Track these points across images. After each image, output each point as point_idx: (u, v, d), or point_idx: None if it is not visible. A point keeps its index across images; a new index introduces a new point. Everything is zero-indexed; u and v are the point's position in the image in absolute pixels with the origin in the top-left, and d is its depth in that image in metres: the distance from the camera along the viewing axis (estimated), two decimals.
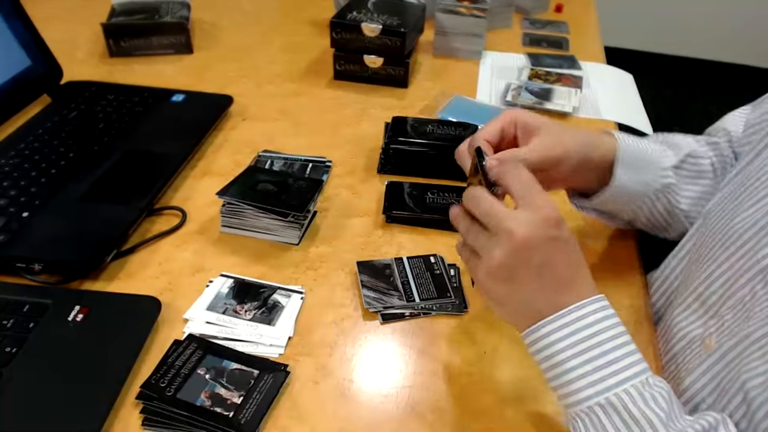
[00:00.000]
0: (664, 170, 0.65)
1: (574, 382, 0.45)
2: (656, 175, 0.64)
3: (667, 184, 0.65)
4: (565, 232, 0.47)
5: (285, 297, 0.63)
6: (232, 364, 0.55)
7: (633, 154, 0.62)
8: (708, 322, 0.55)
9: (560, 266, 0.47)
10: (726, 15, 2.95)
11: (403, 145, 0.81)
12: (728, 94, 2.97)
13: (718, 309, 0.54)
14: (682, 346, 0.57)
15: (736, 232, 0.54)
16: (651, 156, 0.64)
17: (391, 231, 0.74)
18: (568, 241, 0.48)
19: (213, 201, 0.74)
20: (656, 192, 0.65)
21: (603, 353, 0.45)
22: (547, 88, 1.05)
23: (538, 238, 0.46)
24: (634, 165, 0.62)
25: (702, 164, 0.67)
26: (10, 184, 0.72)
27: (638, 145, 0.63)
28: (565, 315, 0.46)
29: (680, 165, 0.66)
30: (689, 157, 0.67)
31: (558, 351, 0.46)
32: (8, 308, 0.58)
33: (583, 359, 0.45)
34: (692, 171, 0.67)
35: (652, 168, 0.64)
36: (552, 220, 0.46)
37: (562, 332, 0.46)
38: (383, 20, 1.01)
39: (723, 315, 0.53)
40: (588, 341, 0.45)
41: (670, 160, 0.66)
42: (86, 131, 0.84)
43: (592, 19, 1.40)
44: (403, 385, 0.56)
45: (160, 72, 1.07)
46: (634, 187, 0.63)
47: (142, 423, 0.51)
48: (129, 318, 0.59)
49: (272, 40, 1.21)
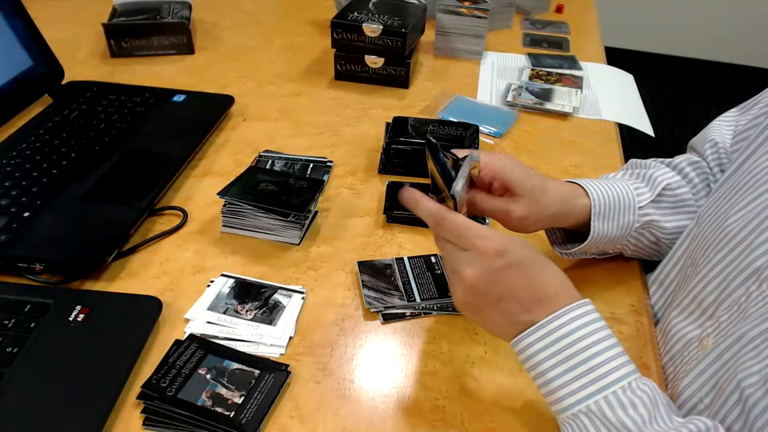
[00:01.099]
0: (642, 209, 0.65)
1: (557, 391, 0.46)
2: (634, 216, 0.65)
3: (648, 221, 0.66)
4: (514, 256, 0.48)
5: (286, 297, 0.64)
6: (233, 364, 0.56)
7: (607, 204, 0.63)
8: (705, 323, 0.55)
9: (519, 291, 0.48)
10: (726, 15, 2.95)
11: (403, 145, 0.82)
12: (728, 94, 2.97)
13: (714, 310, 0.54)
14: (680, 348, 0.57)
15: (729, 233, 0.54)
16: (625, 200, 0.64)
17: (392, 231, 0.74)
18: (522, 263, 0.48)
19: (214, 201, 0.74)
20: (638, 230, 0.66)
21: (583, 361, 0.46)
22: (548, 88, 1.05)
23: (486, 276, 0.47)
24: (610, 214, 0.63)
25: (679, 194, 0.67)
26: (12, 184, 0.73)
27: (611, 193, 0.64)
28: (541, 327, 0.47)
29: (658, 200, 0.66)
30: (665, 190, 0.67)
31: (539, 362, 0.47)
32: (9, 308, 0.58)
33: (563, 368, 0.46)
34: (671, 203, 0.67)
35: (629, 211, 0.65)
36: (493, 252, 0.47)
37: (541, 343, 0.47)
38: (384, 20, 1.01)
39: (719, 316, 0.53)
40: (567, 350, 0.46)
41: (646, 198, 0.66)
42: (87, 131, 0.84)
43: (593, 20, 1.40)
44: (403, 385, 0.56)
45: (161, 72, 1.07)
46: (613, 232, 0.64)
47: (143, 423, 0.51)
48: (130, 318, 0.59)
49: (273, 41, 1.21)
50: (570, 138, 0.94)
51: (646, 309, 0.65)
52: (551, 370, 0.46)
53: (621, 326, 0.63)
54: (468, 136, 0.82)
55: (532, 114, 1.00)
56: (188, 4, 1.17)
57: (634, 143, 2.41)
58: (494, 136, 0.93)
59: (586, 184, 0.64)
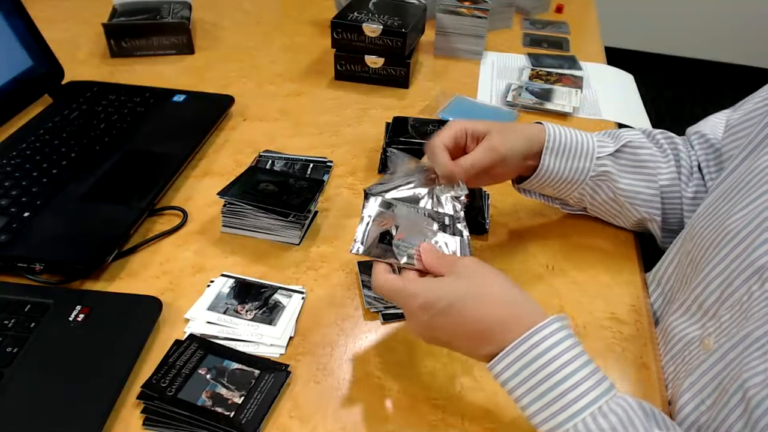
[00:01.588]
0: (600, 159, 0.67)
1: (533, 417, 0.45)
2: (590, 163, 0.67)
3: (604, 171, 0.68)
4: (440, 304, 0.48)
5: (286, 297, 0.64)
6: (233, 364, 0.56)
7: (561, 142, 0.66)
8: (706, 323, 0.55)
9: (460, 331, 0.49)
10: (726, 15, 2.95)
11: (403, 145, 0.81)
12: (728, 94, 2.96)
13: (716, 310, 0.54)
14: (681, 348, 0.57)
15: (731, 232, 0.54)
16: (584, 145, 0.67)
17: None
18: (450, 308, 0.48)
19: (214, 201, 0.74)
20: (593, 179, 0.68)
21: (552, 387, 0.44)
22: (548, 88, 1.05)
23: (424, 328, 0.50)
24: (563, 152, 0.66)
25: (640, 153, 0.69)
26: (12, 184, 0.73)
27: (570, 136, 0.67)
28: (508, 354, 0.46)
29: (617, 154, 0.68)
30: (626, 146, 0.69)
31: (511, 388, 0.46)
32: (9, 308, 0.58)
33: (533, 396, 0.45)
34: (630, 160, 0.69)
35: (586, 156, 0.67)
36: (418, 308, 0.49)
37: (510, 370, 0.46)
38: (384, 20, 1.01)
39: (721, 316, 0.53)
40: (536, 376, 0.45)
41: (606, 150, 0.68)
42: (87, 131, 0.84)
43: (593, 20, 1.40)
44: (403, 385, 0.56)
45: (161, 72, 1.07)
46: (564, 172, 0.67)
47: (143, 423, 0.51)
48: (130, 318, 0.59)
49: (273, 41, 1.21)
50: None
51: (646, 309, 0.65)
52: (523, 397, 0.45)
53: (621, 326, 0.63)
54: None
55: (532, 114, 1.00)
56: (188, 4, 1.17)
57: None
58: None
59: (547, 124, 0.67)
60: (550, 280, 0.68)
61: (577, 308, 0.64)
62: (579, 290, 0.67)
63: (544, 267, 0.69)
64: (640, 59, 3.03)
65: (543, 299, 0.65)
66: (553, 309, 0.64)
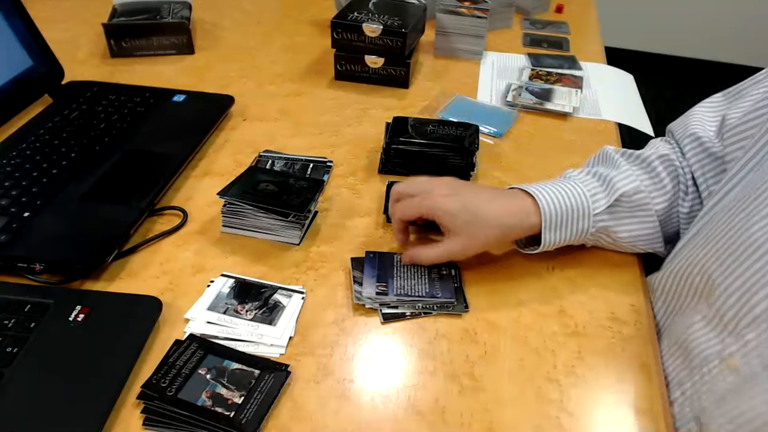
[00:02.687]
0: (596, 216, 0.66)
1: None
2: (589, 222, 0.66)
3: (603, 227, 0.66)
4: None
5: (286, 297, 0.64)
6: (233, 364, 0.56)
7: (558, 215, 0.64)
8: (726, 339, 0.53)
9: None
10: (726, 15, 2.95)
11: (404, 145, 0.82)
12: None
13: (736, 325, 0.52)
14: (698, 363, 0.55)
15: (752, 245, 0.52)
16: (580, 208, 0.65)
17: (392, 231, 0.74)
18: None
19: (214, 201, 0.74)
20: (593, 234, 0.67)
21: None
22: (548, 88, 1.05)
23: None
24: (561, 224, 0.65)
25: (635, 200, 0.67)
26: (12, 184, 0.73)
27: (564, 202, 0.65)
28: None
29: (613, 207, 0.66)
30: (623, 197, 0.66)
31: None
32: (9, 308, 0.58)
33: None
34: (627, 208, 0.67)
35: (583, 217, 0.65)
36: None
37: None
38: (384, 20, 1.01)
39: (743, 334, 0.51)
40: None
41: (601, 204, 0.66)
42: (87, 131, 0.84)
43: (593, 20, 1.40)
44: (403, 385, 0.56)
45: (161, 72, 1.07)
46: (565, 238, 0.66)
47: (143, 423, 0.51)
48: (130, 318, 0.59)
49: (273, 41, 1.21)
50: (570, 138, 0.94)
51: (646, 309, 0.65)
52: None
53: (621, 326, 0.63)
54: (468, 136, 0.82)
55: (532, 114, 1.00)
56: (188, 4, 1.17)
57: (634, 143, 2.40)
58: (494, 136, 0.93)
59: (539, 195, 0.64)
60: (550, 280, 0.68)
61: (577, 308, 0.64)
62: (579, 290, 0.67)
63: (544, 267, 0.69)
64: (640, 59, 3.03)
65: (543, 299, 0.65)
66: (553, 309, 0.64)
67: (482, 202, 0.65)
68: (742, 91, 0.68)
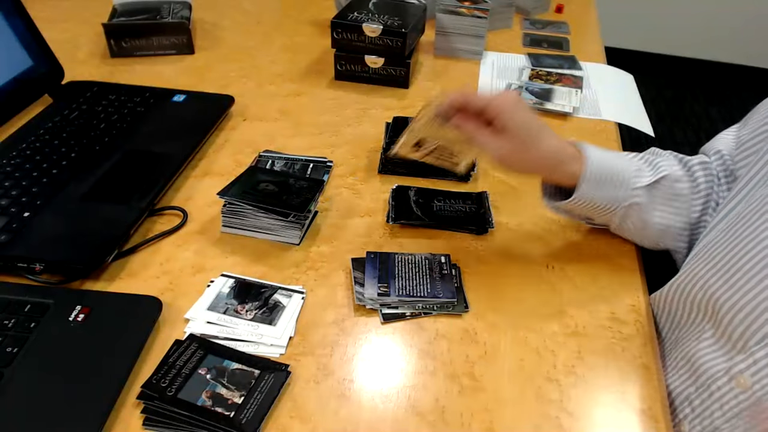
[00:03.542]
0: (635, 190, 0.65)
1: None
2: (626, 194, 0.65)
3: (637, 203, 0.66)
4: None
5: (286, 297, 0.64)
6: (233, 364, 0.56)
7: (600, 172, 0.64)
8: (735, 357, 0.53)
9: None
10: (726, 15, 2.95)
11: None
12: (728, 94, 2.97)
13: (745, 343, 0.52)
14: (705, 380, 0.55)
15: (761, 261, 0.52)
16: (621, 175, 0.65)
17: (392, 231, 0.74)
18: None
19: (214, 201, 0.74)
20: (625, 208, 0.66)
21: None
22: (548, 88, 1.05)
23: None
24: (601, 182, 0.64)
25: (677, 188, 0.67)
26: (12, 184, 0.73)
27: (609, 163, 0.65)
28: None
29: (653, 186, 0.66)
30: (664, 179, 0.67)
31: None
32: (9, 308, 0.58)
33: None
34: (665, 193, 0.67)
35: (623, 186, 0.65)
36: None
37: None
38: (384, 20, 1.01)
39: (753, 352, 0.51)
40: None
41: (644, 180, 0.66)
42: (87, 131, 0.84)
43: (593, 20, 1.40)
44: (403, 384, 0.56)
45: (161, 72, 1.07)
46: (599, 201, 0.65)
47: (143, 423, 0.51)
48: (130, 318, 0.59)
49: (273, 41, 1.21)
50: (570, 138, 0.94)
51: (646, 309, 0.65)
52: None
53: (621, 326, 0.63)
54: None
55: None
56: (188, 4, 1.17)
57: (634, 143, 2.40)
58: None
59: (588, 148, 0.65)
60: (550, 280, 0.68)
61: (577, 308, 0.64)
62: (579, 290, 0.67)
63: (544, 267, 0.69)
64: (640, 59, 3.03)
65: (543, 299, 0.65)
66: (553, 309, 0.64)
67: (546, 125, 0.65)
68: (756, 110, 0.68)
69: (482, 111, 0.63)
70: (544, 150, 0.64)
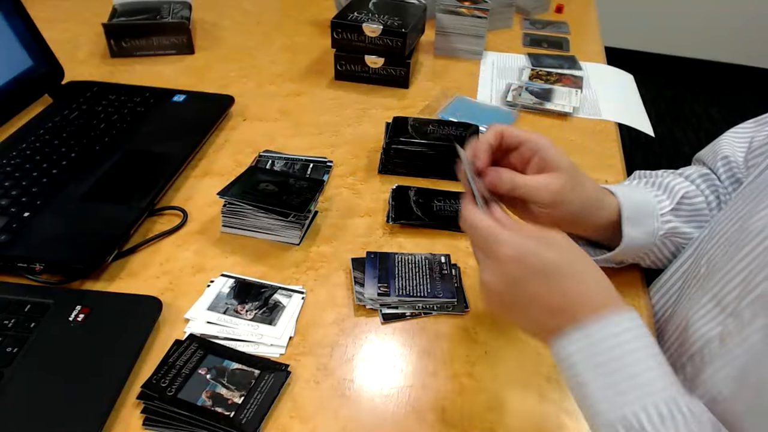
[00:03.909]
0: (664, 216, 0.65)
1: (593, 399, 0.44)
2: (659, 223, 0.64)
3: (671, 228, 0.65)
4: (534, 262, 0.46)
5: (286, 297, 0.64)
6: (233, 364, 0.56)
7: (635, 208, 0.62)
8: (726, 320, 0.53)
9: (541, 299, 0.46)
10: (726, 15, 2.96)
11: (404, 145, 0.82)
12: (728, 94, 2.97)
13: (736, 307, 0.52)
14: (700, 347, 0.55)
15: (753, 230, 0.53)
16: (650, 205, 0.64)
17: (392, 231, 0.74)
18: (543, 271, 0.46)
19: (214, 201, 0.74)
20: (661, 238, 0.65)
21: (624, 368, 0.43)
22: (548, 88, 1.05)
23: (502, 284, 0.47)
24: (638, 219, 0.62)
25: (696, 203, 0.67)
26: (12, 184, 0.73)
27: (637, 197, 0.63)
28: (581, 329, 0.45)
29: (678, 208, 0.66)
30: (684, 198, 0.66)
31: (578, 369, 0.44)
32: (9, 308, 0.58)
33: (602, 375, 0.44)
34: (689, 211, 0.67)
35: (653, 216, 0.64)
36: (508, 260, 0.46)
37: (577, 345, 0.45)
38: (384, 20, 1.01)
39: (742, 313, 0.51)
40: (610, 355, 0.44)
41: (667, 205, 0.65)
42: (87, 131, 0.84)
43: (593, 20, 1.40)
44: (403, 384, 0.56)
45: (161, 72, 1.07)
46: (641, 239, 0.63)
47: (143, 423, 0.51)
48: (130, 318, 0.59)
49: (273, 41, 1.21)
50: (570, 138, 0.94)
51: (646, 309, 0.65)
52: (590, 379, 0.44)
53: None
54: (468, 136, 0.82)
55: (532, 114, 1.00)
56: (188, 4, 1.17)
57: (634, 143, 2.41)
58: None
59: (613, 188, 0.62)
60: None
61: None
62: None
63: None
64: (640, 59, 3.03)
65: None
66: None
67: None
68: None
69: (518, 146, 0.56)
70: (589, 189, 0.58)
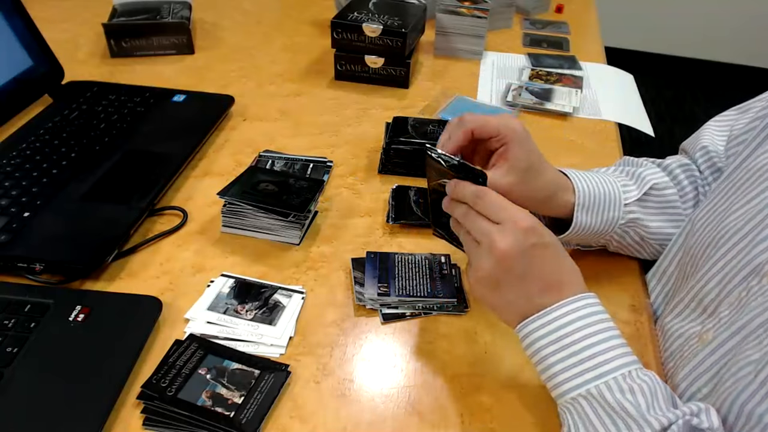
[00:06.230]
0: (627, 206, 0.65)
1: (557, 376, 0.48)
2: (619, 212, 0.65)
3: (632, 218, 0.66)
4: (545, 236, 0.50)
5: (286, 297, 0.64)
6: (233, 364, 0.56)
7: (592, 198, 0.63)
8: (705, 321, 0.55)
9: (544, 271, 0.50)
10: (726, 15, 2.96)
11: (403, 145, 0.82)
12: (728, 94, 2.97)
13: (715, 308, 0.54)
14: (680, 344, 0.57)
15: (729, 231, 0.54)
16: (611, 195, 0.64)
17: (392, 231, 0.74)
18: (550, 245, 0.51)
19: (214, 201, 0.74)
20: (622, 226, 0.65)
21: (583, 349, 0.48)
22: (548, 88, 1.05)
23: (518, 248, 0.49)
24: (594, 208, 0.63)
25: (666, 195, 0.67)
26: (12, 184, 0.73)
27: (598, 187, 0.64)
28: (547, 314, 0.49)
29: (644, 199, 0.66)
30: (652, 190, 0.66)
31: (541, 347, 0.49)
32: (9, 308, 0.58)
33: (563, 355, 0.48)
34: (656, 203, 0.67)
35: (614, 206, 0.64)
36: (527, 227, 0.49)
37: (544, 329, 0.49)
38: (384, 20, 1.01)
39: (719, 313, 0.53)
40: (569, 337, 0.48)
41: (632, 195, 0.66)
42: (87, 131, 0.84)
43: (593, 20, 1.40)
44: (403, 384, 0.56)
45: (161, 72, 1.07)
46: (595, 225, 0.64)
47: (143, 423, 0.51)
48: (130, 318, 0.59)
49: (273, 41, 1.21)
50: (570, 138, 0.94)
51: (646, 309, 0.65)
52: (553, 356, 0.48)
53: (621, 326, 0.62)
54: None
55: (532, 114, 1.00)
56: (188, 4, 1.17)
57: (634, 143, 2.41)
58: None
59: (573, 176, 0.64)
60: None
61: None
62: None
63: None
64: (640, 59, 3.03)
65: None
66: None
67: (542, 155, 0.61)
68: (750, 105, 0.68)
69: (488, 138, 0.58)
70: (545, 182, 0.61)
